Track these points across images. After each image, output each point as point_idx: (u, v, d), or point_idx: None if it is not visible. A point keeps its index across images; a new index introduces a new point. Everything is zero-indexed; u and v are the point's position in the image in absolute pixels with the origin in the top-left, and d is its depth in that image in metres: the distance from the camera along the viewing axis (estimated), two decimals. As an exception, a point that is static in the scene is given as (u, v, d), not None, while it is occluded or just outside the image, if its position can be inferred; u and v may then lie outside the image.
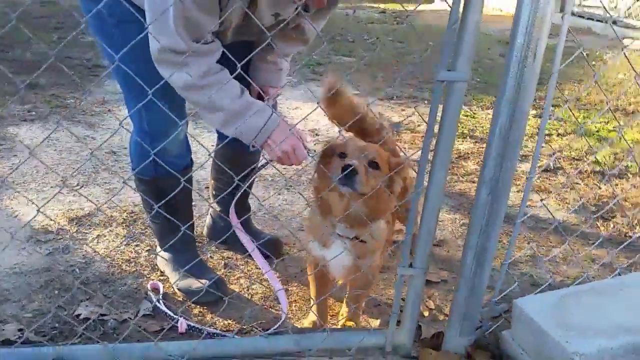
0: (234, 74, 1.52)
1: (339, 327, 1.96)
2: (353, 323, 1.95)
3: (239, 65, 1.34)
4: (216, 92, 1.58)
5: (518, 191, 2.98)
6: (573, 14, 1.31)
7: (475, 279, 1.55)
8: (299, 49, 2.01)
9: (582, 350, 1.43)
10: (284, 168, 3.30)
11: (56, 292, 2.04)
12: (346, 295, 2.01)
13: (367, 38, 7.33)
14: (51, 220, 2.49)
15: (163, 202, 1.63)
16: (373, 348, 1.72)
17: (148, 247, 2.38)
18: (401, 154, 2.05)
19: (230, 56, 1.42)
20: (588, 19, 5.21)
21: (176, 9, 1.45)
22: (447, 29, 1.26)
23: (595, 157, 3.51)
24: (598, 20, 7.53)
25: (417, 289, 1.60)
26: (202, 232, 2.52)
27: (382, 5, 11.23)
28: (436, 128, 1.43)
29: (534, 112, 4.25)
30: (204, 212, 2.64)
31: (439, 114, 1.41)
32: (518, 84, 1.32)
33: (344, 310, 2.00)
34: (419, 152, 1.45)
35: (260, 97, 1.82)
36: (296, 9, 1.54)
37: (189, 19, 1.48)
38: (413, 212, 1.48)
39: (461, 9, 1.26)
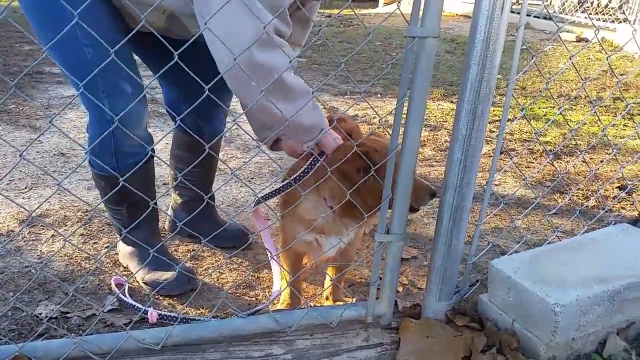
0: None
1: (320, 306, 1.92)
2: (338, 301, 1.92)
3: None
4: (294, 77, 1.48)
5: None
6: (512, 11, 1.34)
7: (452, 239, 1.55)
8: (304, 35, 1.86)
9: (562, 302, 1.45)
10: (244, 163, 3.24)
11: (11, 294, 1.90)
12: (326, 273, 1.97)
13: (316, 41, 7.37)
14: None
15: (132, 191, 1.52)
16: (354, 321, 1.69)
17: (107, 244, 2.27)
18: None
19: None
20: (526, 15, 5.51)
21: None
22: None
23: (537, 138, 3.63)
24: (535, 16, 7.89)
25: (396, 255, 1.59)
26: (164, 227, 2.42)
27: (327, 11, 11.37)
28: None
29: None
30: (164, 208, 2.54)
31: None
32: (487, 37, 1.33)
33: (327, 291, 1.96)
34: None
35: None
36: None
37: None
38: (389, 176, 1.46)
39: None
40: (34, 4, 1.61)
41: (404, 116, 1.41)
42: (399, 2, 1.28)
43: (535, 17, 7.95)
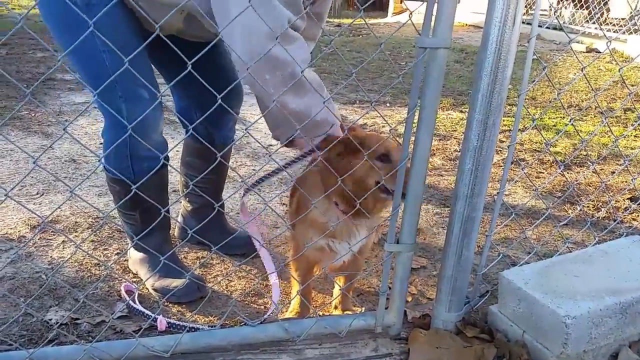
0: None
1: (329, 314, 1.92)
2: (347, 311, 1.91)
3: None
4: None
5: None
6: (523, 22, 1.36)
7: (462, 250, 1.54)
8: (316, 31, 1.91)
9: (573, 313, 1.44)
10: (254, 171, 3.25)
11: (22, 299, 1.92)
12: (336, 282, 1.97)
13: (325, 49, 7.39)
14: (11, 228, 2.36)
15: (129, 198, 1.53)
16: (363, 331, 1.68)
17: (117, 251, 2.28)
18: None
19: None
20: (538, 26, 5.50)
21: None
22: (428, -6, 1.27)
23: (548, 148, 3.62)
24: (546, 27, 7.88)
25: (405, 265, 1.58)
26: (173, 234, 2.43)
27: (336, 20, 11.43)
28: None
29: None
30: (174, 215, 2.55)
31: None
32: (498, 49, 1.33)
33: (336, 300, 1.96)
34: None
35: None
36: None
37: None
38: (400, 185, 1.47)
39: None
40: (53, 12, 1.64)
41: (414, 126, 1.41)
42: (411, 14, 1.29)
43: (545, 27, 7.94)
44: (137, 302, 1.87)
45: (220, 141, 2.14)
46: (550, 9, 7.21)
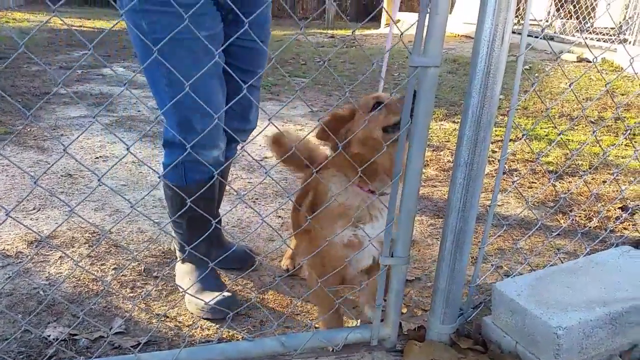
0: None
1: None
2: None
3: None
4: None
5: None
6: (513, 32, 1.40)
7: (455, 262, 1.57)
8: None
9: (565, 324, 1.47)
10: (250, 184, 3.27)
11: (20, 315, 1.93)
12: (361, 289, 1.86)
13: (318, 60, 7.46)
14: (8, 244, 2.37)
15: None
16: (358, 344, 1.71)
17: (114, 266, 2.30)
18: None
19: None
20: (527, 35, 5.54)
21: None
22: (420, 13, 1.31)
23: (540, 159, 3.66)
24: (535, 36, 7.97)
25: (400, 278, 1.61)
26: (169, 248, 2.45)
27: (330, 31, 11.53)
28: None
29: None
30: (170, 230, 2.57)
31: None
32: (487, 66, 1.37)
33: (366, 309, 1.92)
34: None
35: None
36: None
37: None
38: (393, 199, 1.50)
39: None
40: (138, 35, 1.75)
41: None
42: (402, 34, 1.32)
43: (535, 37, 8.04)
44: None
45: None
46: (541, 21, 7.30)
